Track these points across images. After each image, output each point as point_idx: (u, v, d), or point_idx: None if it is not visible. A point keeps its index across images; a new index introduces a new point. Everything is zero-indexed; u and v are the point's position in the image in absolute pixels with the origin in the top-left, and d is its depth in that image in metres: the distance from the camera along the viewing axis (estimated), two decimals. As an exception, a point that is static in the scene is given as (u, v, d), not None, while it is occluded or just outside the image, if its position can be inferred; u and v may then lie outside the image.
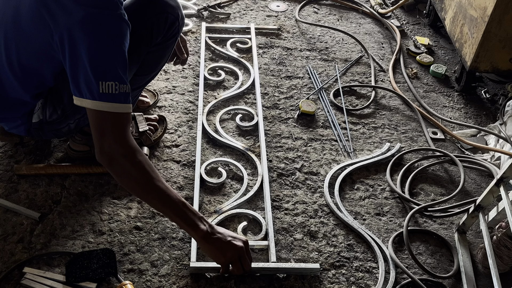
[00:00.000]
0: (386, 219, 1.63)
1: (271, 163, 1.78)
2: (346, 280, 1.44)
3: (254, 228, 1.56)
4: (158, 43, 1.49)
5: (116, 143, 1.23)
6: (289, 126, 1.95)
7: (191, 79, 2.11)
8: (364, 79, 2.24)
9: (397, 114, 2.06)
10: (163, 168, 1.71)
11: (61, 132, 1.55)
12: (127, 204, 1.58)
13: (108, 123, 1.23)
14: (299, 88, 2.14)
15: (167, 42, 1.53)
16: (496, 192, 1.40)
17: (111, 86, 1.20)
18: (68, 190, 1.60)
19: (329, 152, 1.86)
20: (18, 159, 1.68)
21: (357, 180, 1.76)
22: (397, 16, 2.68)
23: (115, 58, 1.21)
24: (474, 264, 1.51)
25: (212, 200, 1.63)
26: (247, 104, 2.02)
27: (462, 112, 2.12)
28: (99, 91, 1.20)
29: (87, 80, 1.20)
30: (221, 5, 2.61)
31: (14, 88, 1.40)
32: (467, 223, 1.55)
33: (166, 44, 1.53)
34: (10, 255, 1.41)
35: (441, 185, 1.77)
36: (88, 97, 1.22)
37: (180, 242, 1.49)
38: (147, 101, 1.91)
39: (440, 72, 2.29)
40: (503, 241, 1.43)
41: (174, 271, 1.42)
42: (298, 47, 2.39)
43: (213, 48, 2.30)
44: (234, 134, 1.88)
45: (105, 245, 1.46)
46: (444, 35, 2.59)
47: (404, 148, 1.89)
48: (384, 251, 1.51)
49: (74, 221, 1.51)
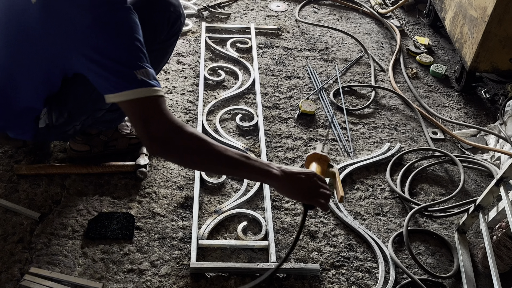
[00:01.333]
0: (386, 219, 1.63)
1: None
2: (346, 280, 1.44)
3: (254, 228, 1.56)
4: (161, 41, 1.50)
5: (164, 123, 1.19)
6: (289, 126, 1.95)
7: (191, 79, 2.11)
8: (364, 79, 2.24)
9: (397, 114, 2.06)
10: (163, 168, 1.71)
11: (66, 134, 1.55)
12: (127, 204, 1.58)
13: (151, 107, 1.20)
14: (299, 88, 2.14)
15: (170, 40, 1.54)
16: (496, 192, 1.40)
17: (144, 73, 1.19)
18: (68, 190, 1.60)
19: (329, 152, 1.86)
20: (18, 159, 1.68)
21: (357, 180, 1.76)
22: (397, 16, 2.68)
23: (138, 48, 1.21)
24: (474, 264, 1.51)
25: (212, 200, 1.63)
26: (247, 104, 2.02)
27: (462, 112, 2.12)
28: (137, 79, 1.18)
29: (121, 74, 1.19)
30: (221, 5, 2.61)
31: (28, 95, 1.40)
32: (467, 223, 1.55)
33: (168, 43, 1.54)
34: (10, 255, 1.41)
35: (441, 185, 1.77)
36: (127, 89, 1.19)
37: (180, 242, 1.49)
38: None
39: (440, 72, 2.29)
40: (503, 241, 1.43)
41: (174, 271, 1.42)
42: (298, 47, 2.39)
43: (213, 48, 2.30)
44: (234, 134, 1.88)
45: (104, 245, 1.46)
46: (444, 35, 2.59)
47: (404, 148, 1.90)
48: (384, 251, 1.51)
49: (74, 221, 1.51)
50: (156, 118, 1.19)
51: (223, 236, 1.53)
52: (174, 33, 1.53)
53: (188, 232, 1.52)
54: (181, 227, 1.53)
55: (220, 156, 1.21)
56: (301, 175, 1.26)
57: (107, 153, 1.70)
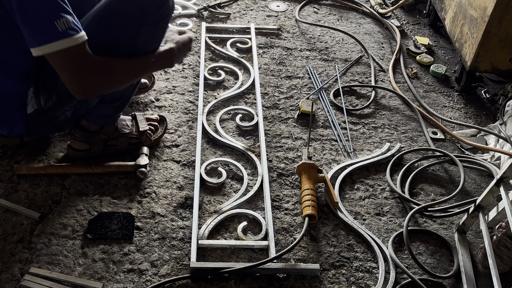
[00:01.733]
0: (386, 219, 1.63)
1: (271, 163, 1.78)
2: (346, 280, 1.44)
3: (254, 228, 1.56)
4: (149, 23, 1.46)
5: (91, 66, 1.30)
6: (289, 126, 1.95)
7: (191, 79, 2.11)
8: (364, 79, 2.24)
9: (397, 114, 2.06)
10: (163, 168, 1.71)
11: (58, 121, 1.55)
12: (127, 204, 1.58)
13: (76, 56, 1.27)
14: (299, 88, 2.14)
15: (158, 23, 1.49)
16: (496, 192, 1.40)
17: (65, 22, 1.22)
18: (68, 190, 1.60)
19: (329, 152, 1.86)
20: (18, 159, 1.68)
21: (357, 180, 1.76)
22: (397, 16, 2.68)
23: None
24: (474, 264, 1.51)
25: (212, 200, 1.63)
26: (247, 104, 2.02)
27: (462, 112, 2.12)
28: (58, 30, 1.21)
29: (42, 27, 1.21)
30: (221, 5, 2.61)
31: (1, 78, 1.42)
32: (467, 223, 1.55)
33: (157, 26, 1.50)
34: (10, 255, 1.41)
35: (441, 185, 1.77)
36: (50, 41, 1.22)
37: (180, 242, 1.49)
38: (144, 82, 1.97)
39: (440, 72, 2.29)
40: (503, 241, 1.43)
41: (174, 271, 1.42)
42: (298, 47, 2.39)
43: (213, 48, 2.30)
44: (234, 134, 1.88)
45: (104, 245, 1.46)
46: (444, 35, 2.59)
47: (404, 148, 1.90)
48: (384, 251, 1.51)
49: (74, 221, 1.51)
50: (82, 63, 1.28)
51: (223, 236, 1.53)
52: (162, 16, 1.48)
53: (188, 232, 1.52)
54: (181, 227, 1.54)
55: (135, 62, 1.42)
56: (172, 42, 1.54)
57: (107, 153, 1.70)
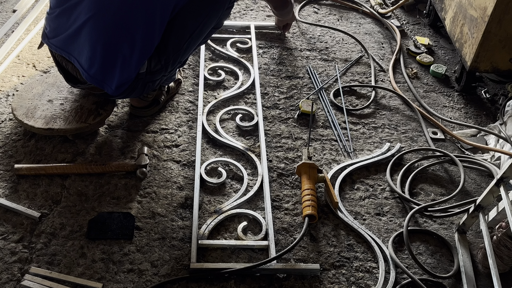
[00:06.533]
0: (386, 219, 1.63)
1: (271, 163, 1.78)
2: (346, 280, 1.44)
3: (254, 228, 1.56)
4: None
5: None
6: (289, 126, 1.95)
7: (191, 79, 2.11)
8: (364, 79, 2.24)
9: (397, 114, 2.06)
10: (163, 168, 1.71)
11: (154, 84, 1.72)
12: (127, 204, 1.58)
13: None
14: (299, 88, 2.14)
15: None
16: (496, 192, 1.40)
17: None
18: (68, 190, 1.60)
19: (329, 152, 1.86)
20: (18, 159, 1.68)
21: (357, 180, 1.76)
22: (397, 16, 2.68)
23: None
24: (474, 264, 1.51)
25: (212, 200, 1.63)
26: (247, 104, 2.02)
27: (462, 112, 2.12)
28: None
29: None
30: (221, 5, 2.60)
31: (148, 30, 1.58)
32: (467, 223, 1.55)
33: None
34: (11, 255, 1.41)
35: (441, 185, 1.77)
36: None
37: (180, 242, 1.49)
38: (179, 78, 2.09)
39: (440, 72, 2.29)
40: (503, 241, 1.43)
41: (174, 271, 1.42)
42: (298, 47, 2.39)
43: (213, 48, 2.30)
44: (234, 134, 1.88)
45: (104, 245, 1.46)
46: (444, 35, 2.59)
47: (404, 148, 1.90)
48: (384, 251, 1.51)
49: (74, 221, 1.51)
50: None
51: (223, 236, 1.53)
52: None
53: (188, 232, 1.52)
54: (181, 227, 1.54)
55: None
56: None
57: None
